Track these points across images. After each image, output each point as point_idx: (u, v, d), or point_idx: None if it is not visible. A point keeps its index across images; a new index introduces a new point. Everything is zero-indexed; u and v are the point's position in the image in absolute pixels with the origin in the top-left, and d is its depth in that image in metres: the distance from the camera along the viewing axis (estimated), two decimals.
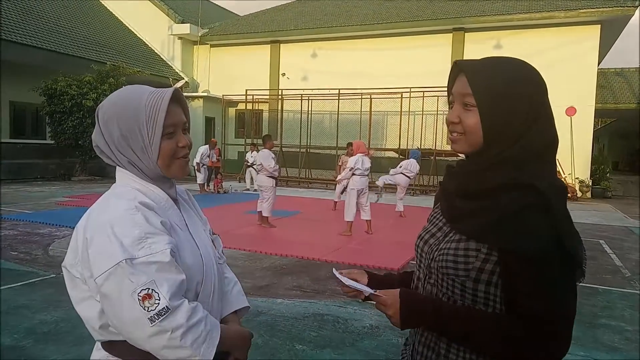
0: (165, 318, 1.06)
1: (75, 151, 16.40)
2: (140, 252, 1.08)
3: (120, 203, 1.15)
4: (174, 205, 1.27)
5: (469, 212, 1.11)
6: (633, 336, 4.16)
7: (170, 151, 1.21)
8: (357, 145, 8.59)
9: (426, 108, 16.87)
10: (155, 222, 1.14)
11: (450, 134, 1.17)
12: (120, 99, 1.21)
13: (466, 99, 1.10)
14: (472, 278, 1.08)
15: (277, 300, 4.72)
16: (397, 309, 1.12)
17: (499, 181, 1.07)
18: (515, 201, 1.04)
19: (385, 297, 1.15)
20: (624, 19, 16.18)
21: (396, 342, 3.82)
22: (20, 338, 3.65)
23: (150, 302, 1.06)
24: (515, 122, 1.07)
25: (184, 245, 1.21)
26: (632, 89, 21.22)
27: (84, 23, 19.71)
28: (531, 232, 1.01)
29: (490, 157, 1.09)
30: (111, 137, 1.19)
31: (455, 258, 1.11)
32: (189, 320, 1.09)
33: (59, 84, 15.21)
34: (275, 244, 7.24)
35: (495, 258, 1.06)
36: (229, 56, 22.08)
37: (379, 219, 9.79)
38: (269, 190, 8.69)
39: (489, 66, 1.11)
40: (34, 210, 9.58)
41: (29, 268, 5.58)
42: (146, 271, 1.07)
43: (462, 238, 1.11)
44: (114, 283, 1.07)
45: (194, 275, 1.20)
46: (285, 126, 19.55)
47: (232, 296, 1.43)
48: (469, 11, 18.01)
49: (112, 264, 1.07)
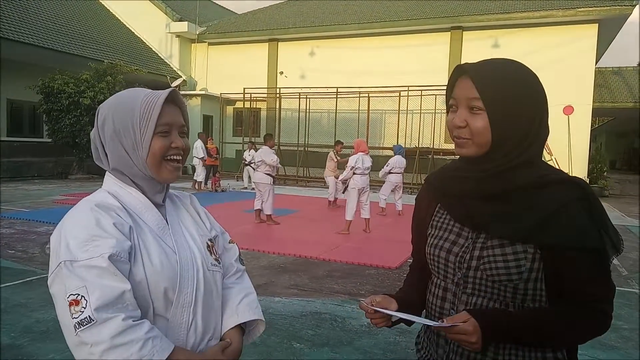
0: (86, 329, 0.99)
1: (73, 149, 16.35)
2: (83, 254, 1.04)
3: (80, 206, 1.14)
4: (154, 209, 1.21)
5: (501, 215, 1.11)
6: (630, 335, 4.18)
7: (161, 149, 1.17)
8: (358, 143, 8.60)
9: (424, 107, 16.87)
10: (106, 224, 1.09)
11: (455, 138, 1.16)
12: (118, 97, 1.22)
13: (473, 102, 1.10)
14: (524, 279, 1.10)
15: (275, 298, 4.72)
16: (479, 335, 1.06)
17: (528, 180, 1.10)
18: (555, 197, 1.08)
19: (466, 326, 1.06)
20: (622, 18, 16.21)
21: (394, 340, 3.83)
22: (17, 336, 3.64)
23: (77, 309, 1.00)
24: (524, 123, 1.10)
25: (151, 248, 1.14)
26: (630, 88, 21.28)
27: (82, 21, 19.66)
28: (583, 225, 1.07)
29: (505, 160, 1.11)
30: (105, 133, 1.18)
31: (506, 264, 1.10)
32: (116, 337, 0.99)
33: (56, 82, 15.15)
34: (273, 243, 7.24)
35: (539, 255, 1.09)
36: (226, 54, 22.04)
37: (378, 217, 9.79)
38: (266, 188, 8.71)
39: (493, 69, 1.12)
40: (31, 209, 9.55)
41: (26, 266, 5.57)
42: (83, 275, 1.02)
43: (506, 242, 1.11)
44: (56, 284, 1.06)
45: (160, 280, 1.12)
46: (283, 125, 19.53)
47: (238, 308, 1.31)
48: (467, 10, 18.02)
49: (56, 265, 1.06)
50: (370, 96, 17.61)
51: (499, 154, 1.11)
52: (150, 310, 1.12)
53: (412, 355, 3.07)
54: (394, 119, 17.56)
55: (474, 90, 1.09)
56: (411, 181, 16.31)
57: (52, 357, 3.34)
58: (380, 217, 10.11)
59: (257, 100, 20.39)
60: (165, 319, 1.15)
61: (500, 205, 1.11)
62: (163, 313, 1.14)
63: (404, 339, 3.84)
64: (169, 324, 1.15)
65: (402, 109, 17.00)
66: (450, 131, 1.17)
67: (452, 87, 1.17)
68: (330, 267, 6.02)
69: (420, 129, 16.90)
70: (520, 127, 1.09)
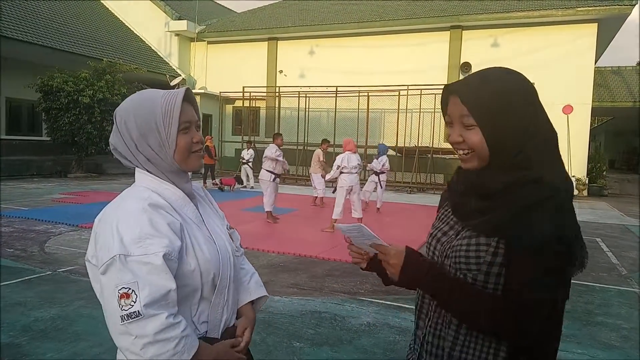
0: (134, 322, 1.08)
1: (72, 148, 16.33)
2: (137, 250, 1.12)
3: (130, 202, 1.21)
4: (190, 202, 1.32)
5: (480, 210, 1.16)
6: (629, 334, 4.18)
7: (186, 145, 1.27)
8: (346, 142, 8.64)
9: (423, 106, 16.87)
10: (160, 224, 1.17)
11: (458, 153, 1.21)
12: (136, 100, 1.28)
13: (464, 119, 1.15)
14: (483, 272, 1.13)
15: (274, 297, 4.71)
16: (400, 260, 1.17)
17: (510, 179, 1.12)
18: (523, 196, 1.10)
19: (391, 247, 1.20)
20: (621, 18, 16.21)
21: (393, 339, 3.83)
22: (16, 335, 3.63)
23: (126, 302, 1.08)
24: (517, 130, 1.12)
25: (200, 239, 1.26)
26: (629, 88, 21.29)
27: (81, 19, 19.63)
28: (536, 224, 1.06)
29: (500, 164, 1.14)
30: (130, 137, 1.26)
31: (467, 254, 1.15)
32: (158, 334, 1.09)
33: (55, 80, 15.12)
34: (272, 242, 7.23)
35: (502, 251, 1.11)
36: (226, 53, 22.02)
37: (376, 217, 9.79)
38: (266, 185, 8.75)
39: (478, 84, 1.15)
40: (30, 207, 9.53)
41: (25, 265, 5.55)
42: (135, 270, 1.10)
43: (473, 234, 1.17)
44: (108, 275, 1.12)
45: (210, 267, 1.25)
46: (283, 123, 19.52)
47: (249, 286, 1.48)
48: (467, 9, 18.01)
49: (109, 257, 1.12)
50: (369, 95, 17.60)
51: (498, 160, 1.14)
52: (199, 294, 1.25)
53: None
54: (394, 118, 17.55)
55: (464, 108, 1.14)
56: (410, 180, 16.32)
57: (50, 356, 3.33)
58: (379, 217, 10.10)
59: (257, 99, 20.38)
60: (209, 300, 1.28)
61: (481, 202, 1.16)
62: (208, 296, 1.27)
63: (403, 338, 3.84)
64: (211, 305, 1.29)
65: (402, 108, 17.01)
66: (452, 145, 1.23)
67: (445, 105, 1.23)
68: (330, 266, 6.02)
69: (419, 128, 16.90)
70: (514, 134, 1.12)
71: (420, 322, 1.31)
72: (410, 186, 16.14)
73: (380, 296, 4.86)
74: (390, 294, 4.85)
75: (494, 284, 1.12)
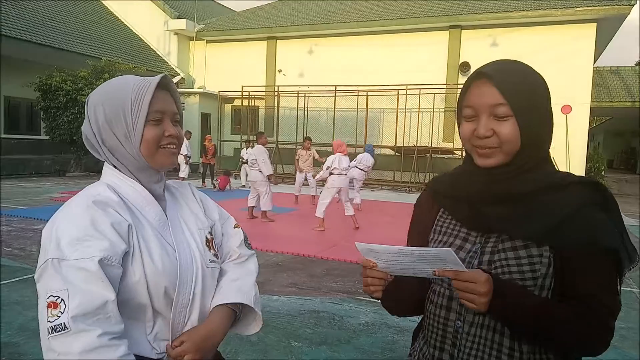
0: (58, 336, 0.93)
1: (70, 147, 16.31)
2: (73, 253, 0.99)
3: (77, 200, 1.10)
4: (155, 203, 1.16)
5: (514, 216, 1.05)
6: (627, 334, 4.18)
7: (154, 138, 1.12)
8: (337, 145, 8.71)
9: (422, 105, 16.87)
10: (102, 225, 1.03)
11: (480, 149, 1.07)
12: (108, 85, 1.16)
13: (498, 109, 1.03)
14: (539, 286, 1.03)
15: (272, 297, 4.71)
16: (490, 287, 0.99)
17: (547, 181, 1.05)
18: (574, 199, 1.03)
19: (478, 274, 0.99)
20: (620, 18, 16.23)
21: (392, 339, 3.82)
22: (13, 334, 3.62)
23: (53, 312, 0.94)
24: (547, 125, 1.08)
25: (152, 246, 1.09)
26: (628, 88, 21.31)
27: (80, 18, 19.60)
28: (600, 228, 1.01)
29: (525, 162, 1.06)
30: (97, 123, 1.13)
31: (520, 268, 1.03)
32: (85, 354, 0.92)
33: (54, 79, 15.10)
34: (270, 241, 7.23)
35: (553, 260, 1.03)
36: (225, 52, 22.00)
37: (375, 216, 9.79)
38: (263, 186, 8.76)
39: (512, 71, 1.07)
40: (28, 206, 9.52)
41: (23, 264, 5.54)
42: (69, 276, 0.96)
43: (519, 245, 1.04)
44: (41, 280, 1.00)
45: (160, 280, 1.08)
46: (282, 123, 19.51)
47: (219, 287, 1.24)
48: (466, 9, 18.02)
49: (43, 261, 1.01)
50: (368, 95, 17.60)
51: (522, 158, 1.05)
52: (149, 310, 1.09)
53: None
54: (392, 118, 17.55)
55: (498, 96, 1.02)
56: (409, 180, 16.32)
57: None
58: (378, 217, 10.10)
59: (256, 99, 20.36)
60: (167, 319, 1.11)
61: (514, 207, 1.05)
62: (164, 312, 1.10)
63: (402, 338, 3.83)
64: (171, 324, 1.12)
65: (401, 108, 17.00)
66: (468, 142, 1.09)
67: (465, 94, 1.09)
68: (329, 266, 6.02)
69: (418, 127, 16.90)
70: (544, 129, 1.07)
71: (445, 354, 1.12)
72: (409, 186, 16.14)
73: None
74: None
75: (546, 297, 1.05)
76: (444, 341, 1.13)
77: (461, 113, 1.10)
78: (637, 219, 11.43)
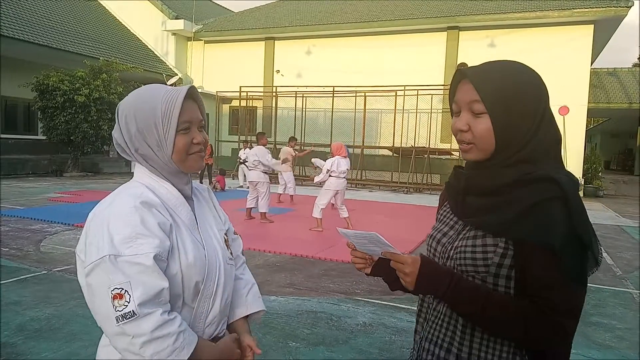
0: (129, 322, 1.07)
1: (68, 147, 16.27)
2: (127, 250, 1.10)
3: (123, 200, 1.19)
4: (186, 204, 1.29)
5: (484, 208, 1.12)
6: (624, 334, 4.19)
7: (184, 146, 1.24)
8: (336, 147, 8.72)
9: (420, 106, 16.89)
10: (151, 224, 1.15)
11: (460, 144, 1.16)
12: (138, 96, 1.25)
13: (474, 105, 1.10)
14: (492, 274, 1.09)
15: (270, 297, 4.71)
16: (415, 269, 1.10)
17: (514, 177, 1.08)
18: (533, 194, 1.06)
19: (406, 256, 1.12)
20: (617, 19, 16.28)
21: (389, 339, 3.83)
22: (11, 335, 3.62)
23: (120, 303, 1.07)
24: (526, 124, 1.09)
25: (187, 243, 1.22)
26: (625, 89, 21.36)
27: (77, 18, 19.56)
28: (551, 223, 1.03)
29: (505, 159, 1.10)
30: (129, 132, 1.23)
31: (473, 255, 1.11)
32: (155, 331, 1.08)
33: (51, 79, 15.05)
34: (268, 241, 7.23)
35: (512, 252, 1.07)
36: (223, 53, 21.99)
37: (374, 216, 9.79)
38: (264, 187, 8.80)
39: (493, 71, 1.11)
40: (25, 206, 9.50)
41: (20, 264, 5.53)
42: (126, 271, 1.09)
43: (478, 234, 1.12)
44: (97, 275, 1.10)
45: (193, 273, 1.21)
46: (280, 123, 19.51)
47: (246, 299, 1.43)
48: (464, 10, 18.05)
49: (99, 257, 1.10)
50: (366, 95, 17.60)
51: (503, 154, 1.10)
52: (180, 300, 1.21)
53: (407, 355, 3.07)
54: (390, 119, 17.56)
55: (475, 93, 1.09)
56: (407, 181, 16.34)
57: (45, 355, 3.32)
58: (376, 217, 10.11)
59: (254, 99, 20.35)
60: (191, 308, 1.24)
61: (484, 200, 1.13)
62: (190, 303, 1.23)
63: (399, 338, 3.84)
64: (193, 313, 1.24)
65: (399, 109, 17.02)
66: (455, 135, 1.17)
67: (454, 92, 1.17)
68: (326, 266, 6.02)
69: (416, 128, 16.92)
70: (522, 127, 1.09)
71: (419, 326, 1.28)
72: (407, 186, 16.16)
73: (376, 296, 4.87)
74: (386, 294, 4.86)
75: (504, 286, 1.09)
76: (420, 314, 1.28)
77: (452, 110, 1.19)
78: (635, 220, 11.46)
